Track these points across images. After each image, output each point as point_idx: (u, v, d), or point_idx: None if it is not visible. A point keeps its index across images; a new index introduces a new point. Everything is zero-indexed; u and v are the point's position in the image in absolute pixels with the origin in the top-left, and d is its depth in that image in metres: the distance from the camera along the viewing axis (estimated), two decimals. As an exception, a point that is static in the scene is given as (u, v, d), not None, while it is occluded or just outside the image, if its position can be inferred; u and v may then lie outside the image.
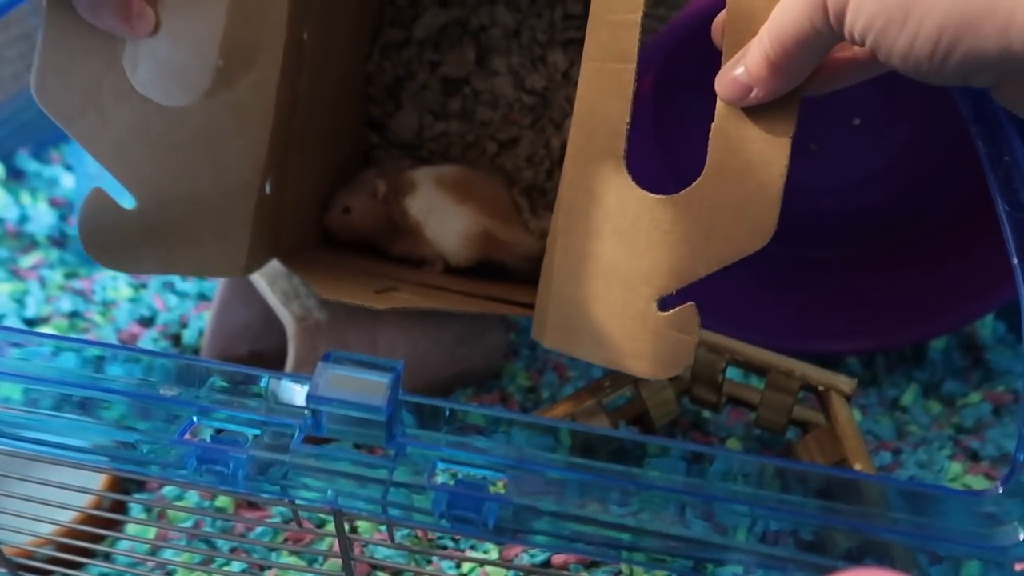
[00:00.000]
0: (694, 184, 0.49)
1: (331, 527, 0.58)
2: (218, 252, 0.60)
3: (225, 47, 0.56)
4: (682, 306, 0.50)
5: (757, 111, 0.47)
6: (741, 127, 0.48)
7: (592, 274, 0.53)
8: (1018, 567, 0.37)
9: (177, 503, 0.62)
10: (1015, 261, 0.42)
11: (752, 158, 0.47)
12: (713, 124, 0.48)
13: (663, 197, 0.50)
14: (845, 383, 0.62)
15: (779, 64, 0.44)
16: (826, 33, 0.42)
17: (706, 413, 0.71)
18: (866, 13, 0.39)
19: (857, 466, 0.57)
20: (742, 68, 0.46)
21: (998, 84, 0.40)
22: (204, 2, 0.55)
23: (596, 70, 0.52)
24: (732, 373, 0.66)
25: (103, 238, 0.55)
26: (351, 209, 0.75)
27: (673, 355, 0.50)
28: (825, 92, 0.47)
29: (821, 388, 0.62)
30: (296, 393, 0.42)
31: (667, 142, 0.75)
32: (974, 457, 0.68)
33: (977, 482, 0.65)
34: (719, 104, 0.48)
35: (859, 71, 0.46)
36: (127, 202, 0.56)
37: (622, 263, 0.51)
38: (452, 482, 0.40)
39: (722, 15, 0.48)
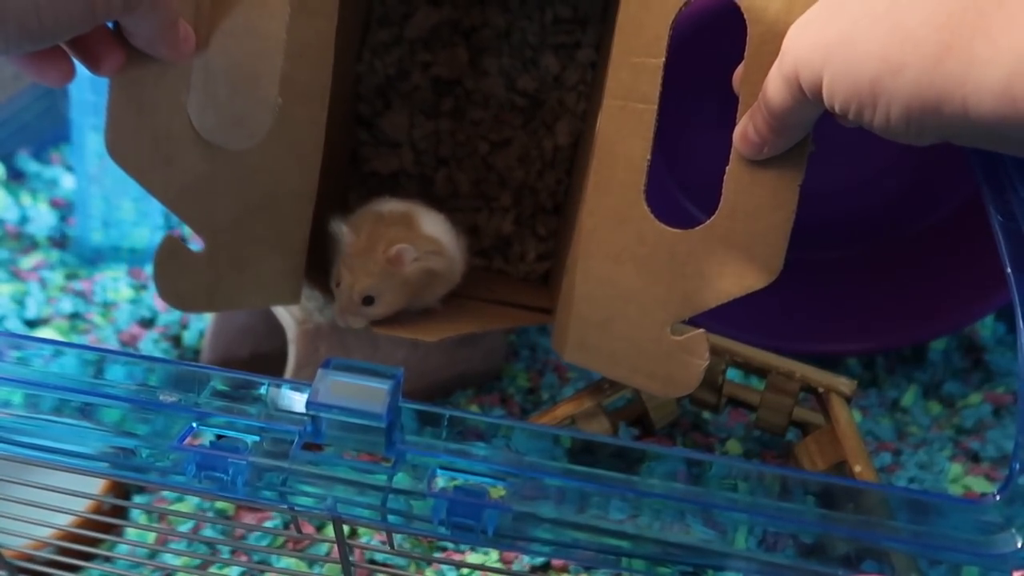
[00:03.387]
0: (709, 222, 0.52)
1: (331, 531, 0.58)
2: (279, 284, 0.61)
3: (282, 86, 0.56)
4: (693, 332, 0.53)
5: (769, 159, 0.49)
6: (753, 172, 0.50)
7: (611, 298, 0.56)
8: (1016, 574, 0.37)
9: (177, 505, 0.62)
10: (1008, 270, 0.42)
11: (762, 202, 0.50)
12: (727, 168, 0.50)
13: (680, 231, 0.53)
14: (845, 384, 0.62)
15: (779, 129, 0.47)
16: (809, 104, 0.44)
17: (706, 414, 0.71)
18: (839, 96, 0.41)
19: (857, 468, 0.57)
20: (752, 128, 0.48)
21: (978, 145, 0.42)
22: (261, 42, 0.55)
23: (619, 108, 0.55)
24: (732, 374, 0.66)
25: (177, 284, 0.55)
26: (376, 297, 0.62)
27: (684, 376, 0.53)
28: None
29: (821, 389, 0.62)
30: (296, 400, 0.42)
31: (667, 140, 0.75)
32: (974, 458, 0.68)
33: (977, 483, 0.65)
34: (733, 150, 0.50)
35: None
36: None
37: (639, 290, 0.54)
38: (452, 488, 0.40)
39: (741, 67, 0.49)
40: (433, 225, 0.66)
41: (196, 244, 0.57)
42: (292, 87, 0.57)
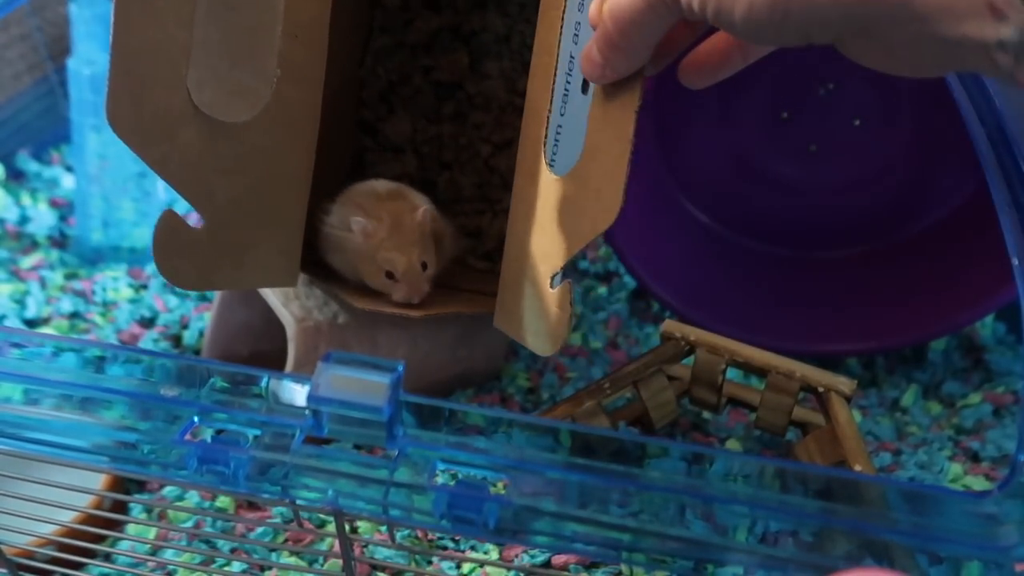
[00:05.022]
0: (575, 164, 0.50)
1: (331, 527, 0.58)
2: (277, 264, 0.61)
3: (278, 66, 0.56)
4: (560, 284, 0.51)
5: (610, 92, 0.47)
6: (603, 109, 0.48)
7: (519, 257, 0.56)
8: (1019, 568, 0.37)
9: (178, 503, 0.62)
10: (1015, 261, 0.42)
11: (605, 138, 0.48)
12: (589, 104, 0.49)
13: (559, 178, 0.52)
14: (845, 384, 0.62)
15: (620, 45, 0.44)
16: (663, 12, 0.42)
17: (706, 414, 0.71)
18: None
19: (857, 467, 0.57)
20: (595, 49, 0.46)
21: (842, 40, 0.39)
22: (259, 15, 0.55)
23: (536, 64, 0.55)
24: (732, 374, 0.66)
25: (176, 260, 0.55)
26: (428, 262, 0.65)
27: (556, 330, 0.52)
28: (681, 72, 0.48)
29: (821, 389, 0.62)
30: (297, 393, 0.42)
31: (667, 142, 0.75)
32: (974, 458, 0.68)
33: (977, 483, 0.65)
34: (594, 86, 0.49)
35: (724, 59, 0.47)
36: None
37: (535, 244, 0.54)
38: (453, 483, 0.40)
39: None
40: (421, 198, 0.68)
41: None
42: (288, 68, 0.57)
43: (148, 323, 0.80)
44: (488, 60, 0.81)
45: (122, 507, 0.62)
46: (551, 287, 0.52)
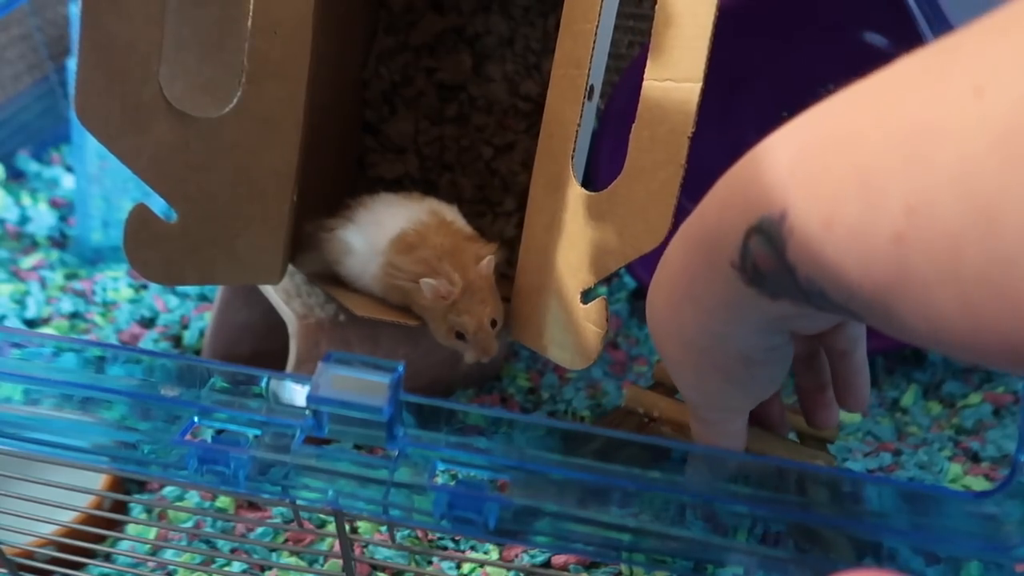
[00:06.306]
0: (615, 182, 0.51)
1: (332, 527, 0.58)
2: (256, 261, 0.61)
3: (254, 61, 0.56)
4: (595, 300, 0.52)
5: (660, 115, 0.48)
6: (650, 130, 0.49)
7: (539, 267, 0.56)
8: (1019, 568, 0.37)
9: (178, 503, 0.62)
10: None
11: (653, 159, 0.48)
12: (633, 125, 0.49)
13: (593, 194, 0.52)
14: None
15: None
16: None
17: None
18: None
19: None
20: None
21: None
22: (226, 9, 0.55)
23: (561, 76, 0.55)
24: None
25: (147, 253, 0.55)
26: (496, 317, 0.61)
27: (587, 346, 0.52)
28: None
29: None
30: (297, 393, 0.42)
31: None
32: (974, 458, 0.68)
33: (977, 483, 0.65)
34: (639, 104, 0.49)
35: None
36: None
37: (560, 257, 0.54)
38: (453, 483, 0.40)
39: None
40: (455, 214, 0.67)
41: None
42: (266, 64, 0.57)
43: (148, 323, 0.80)
44: (491, 63, 0.81)
45: (122, 507, 0.62)
46: (582, 302, 0.52)
